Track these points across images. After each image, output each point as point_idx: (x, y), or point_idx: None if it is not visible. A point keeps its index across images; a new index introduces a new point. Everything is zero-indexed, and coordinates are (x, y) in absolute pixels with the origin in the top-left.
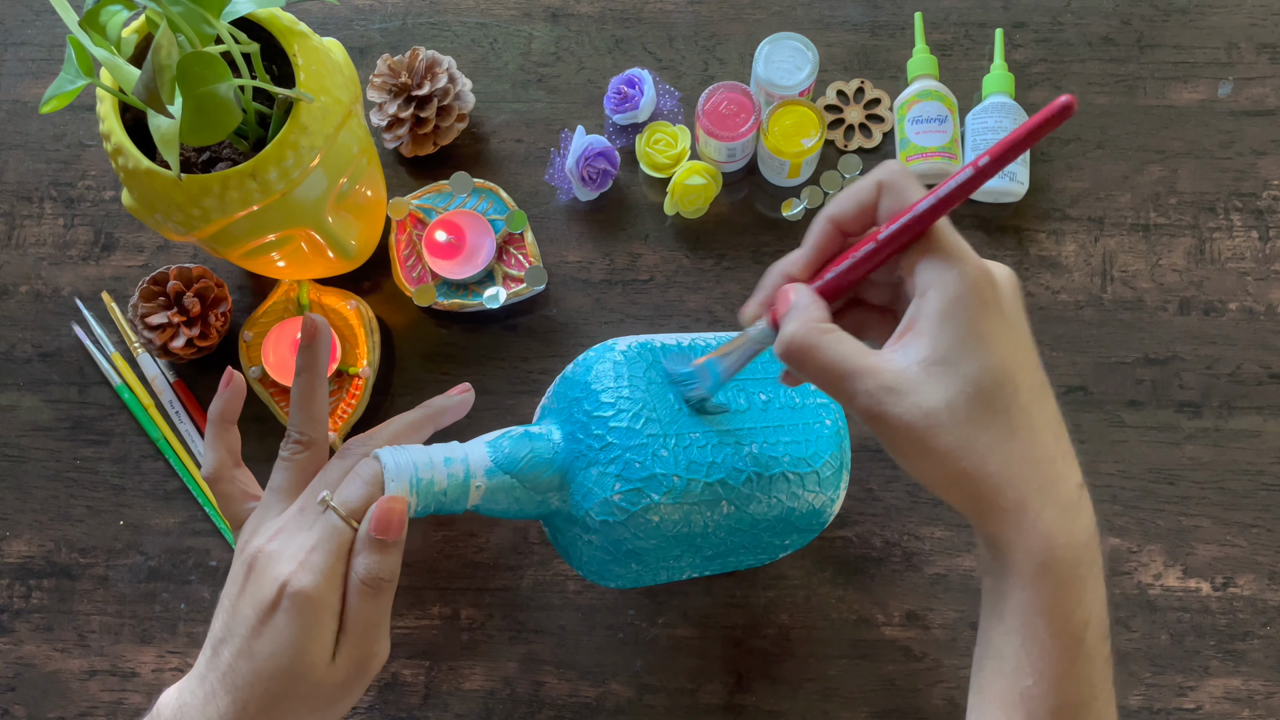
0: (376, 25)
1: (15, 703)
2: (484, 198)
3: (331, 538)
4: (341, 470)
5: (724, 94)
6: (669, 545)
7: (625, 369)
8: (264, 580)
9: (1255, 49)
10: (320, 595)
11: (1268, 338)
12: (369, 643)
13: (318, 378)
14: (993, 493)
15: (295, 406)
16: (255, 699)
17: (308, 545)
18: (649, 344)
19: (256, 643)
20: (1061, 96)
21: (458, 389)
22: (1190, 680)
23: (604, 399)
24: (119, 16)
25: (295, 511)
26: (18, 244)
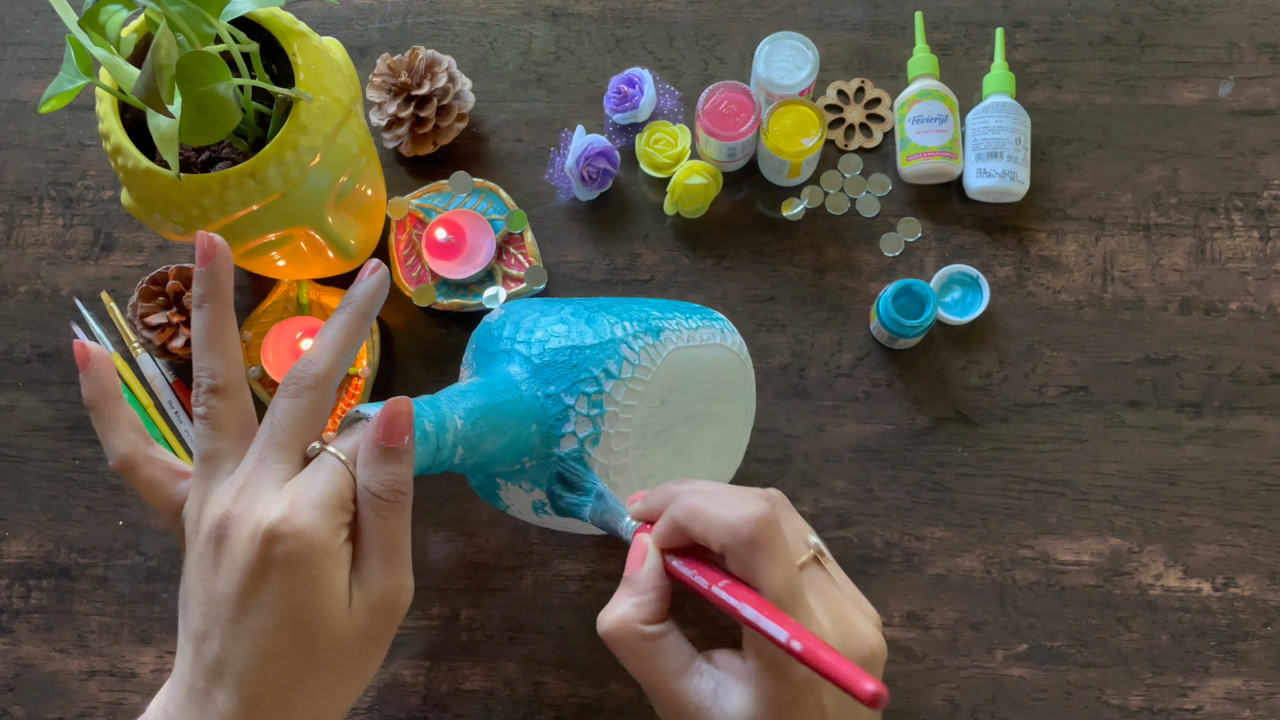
0: (376, 25)
1: (15, 703)
2: (484, 197)
3: (330, 478)
4: (296, 415)
5: (724, 93)
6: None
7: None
8: (240, 542)
9: (1256, 48)
10: (320, 535)
11: (1268, 338)
12: (394, 571)
13: (224, 306)
14: None
15: (201, 345)
16: (268, 689)
17: (297, 490)
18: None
19: (251, 619)
20: (869, 685)
21: (366, 268)
22: (1191, 681)
23: (528, 324)
24: (118, 16)
25: (254, 463)
26: (17, 244)
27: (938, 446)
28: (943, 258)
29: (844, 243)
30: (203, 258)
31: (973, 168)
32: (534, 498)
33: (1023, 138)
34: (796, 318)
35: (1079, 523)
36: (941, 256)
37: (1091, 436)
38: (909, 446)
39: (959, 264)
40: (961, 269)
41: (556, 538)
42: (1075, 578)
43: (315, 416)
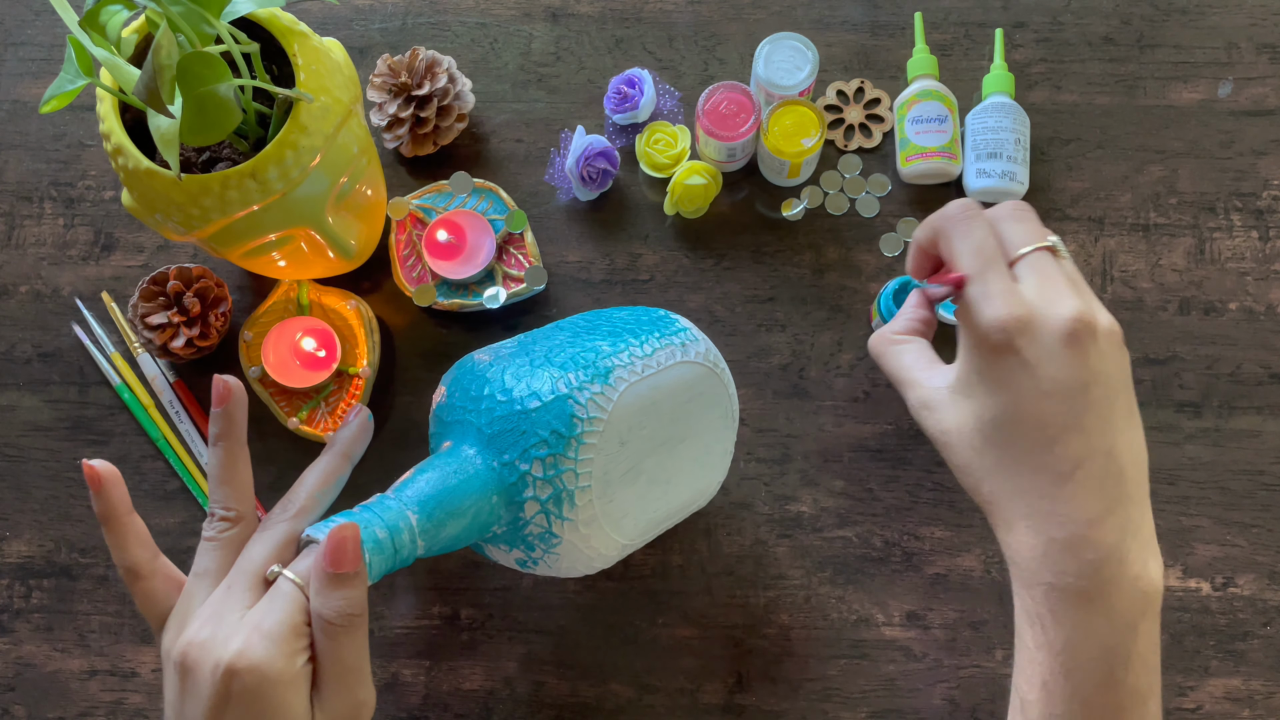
0: (376, 25)
1: (15, 703)
2: (484, 198)
3: (285, 605)
4: (269, 545)
5: (724, 94)
6: None
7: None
8: (203, 674)
9: (1255, 49)
10: (276, 666)
11: (1268, 338)
12: (353, 690)
13: (237, 444)
14: (989, 508)
15: (215, 480)
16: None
17: (253, 621)
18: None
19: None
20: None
21: (351, 413)
22: (1190, 680)
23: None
24: (119, 16)
25: (223, 592)
26: (18, 244)
27: None
28: None
29: (844, 243)
30: (218, 400)
31: (972, 168)
32: (515, 556)
33: (1022, 138)
34: (796, 318)
35: None
36: None
37: None
38: (909, 446)
39: None
40: None
41: None
42: None
43: (285, 548)
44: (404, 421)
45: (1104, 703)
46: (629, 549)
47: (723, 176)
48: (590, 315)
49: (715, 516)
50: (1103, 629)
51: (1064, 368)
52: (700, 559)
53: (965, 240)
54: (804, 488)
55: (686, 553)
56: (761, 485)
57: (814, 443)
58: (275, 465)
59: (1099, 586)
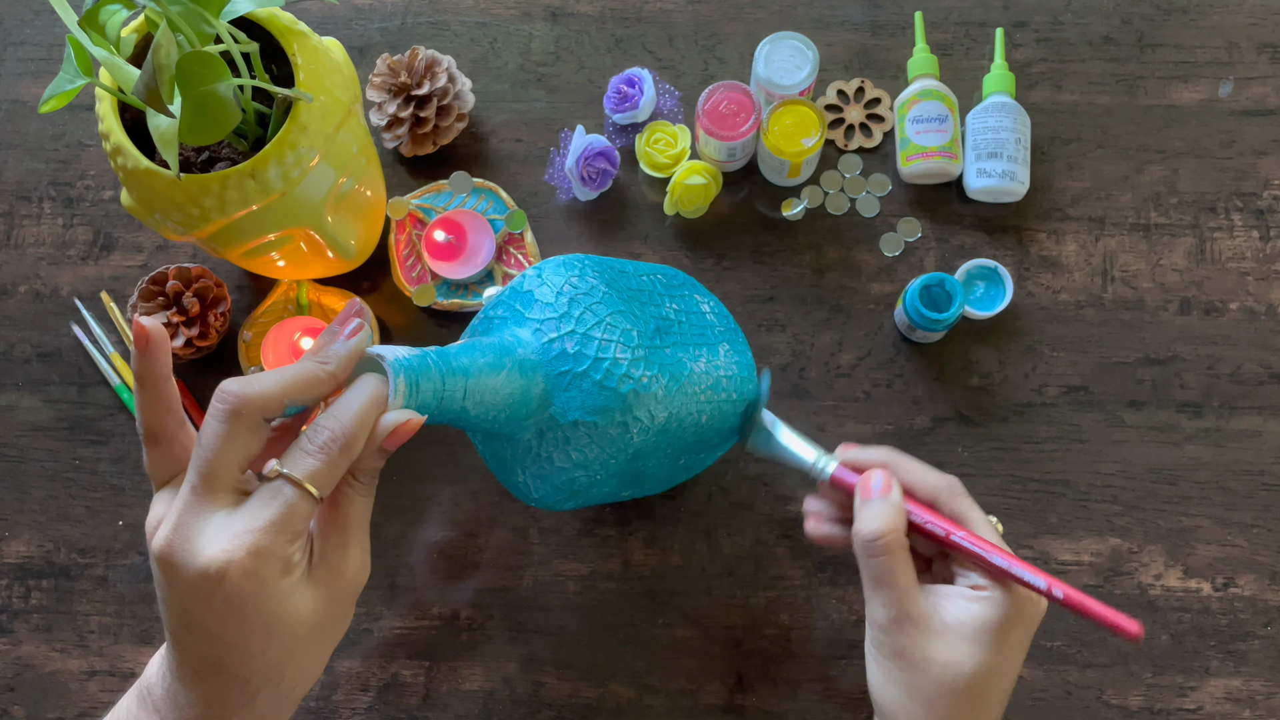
0: (376, 25)
1: (14, 703)
2: (483, 197)
3: (282, 508)
4: (222, 437)
5: (724, 93)
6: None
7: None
8: (187, 577)
9: (1256, 48)
10: (272, 568)
11: (1268, 338)
12: (363, 553)
13: (162, 382)
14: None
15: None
16: (230, 679)
17: (240, 526)
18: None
19: (205, 637)
20: (1134, 626)
21: (345, 323)
22: (1191, 680)
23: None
24: (118, 16)
25: (189, 495)
26: (17, 244)
27: (938, 446)
28: (943, 257)
29: (844, 243)
30: (140, 343)
31: (973, 168)
32: (541, 464)
33: (1023, 138)
34: (796, 318)
35: (1079, 523)
36: (941, 256)
37: (1091, 436)
38: (909, 446)
39: (979, 258)
40: (982, 263)
41: (556, 538)
42: (1075, 577)
43: (244, 446)
44: None
45: None
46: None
47: (723, 176)
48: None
49: (715, 516)
50: None
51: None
52: (700, 559)
53: (980, 517)
54: (804, 488)
55: (686, 553)
56: (761, 485)
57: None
58: None
59: None
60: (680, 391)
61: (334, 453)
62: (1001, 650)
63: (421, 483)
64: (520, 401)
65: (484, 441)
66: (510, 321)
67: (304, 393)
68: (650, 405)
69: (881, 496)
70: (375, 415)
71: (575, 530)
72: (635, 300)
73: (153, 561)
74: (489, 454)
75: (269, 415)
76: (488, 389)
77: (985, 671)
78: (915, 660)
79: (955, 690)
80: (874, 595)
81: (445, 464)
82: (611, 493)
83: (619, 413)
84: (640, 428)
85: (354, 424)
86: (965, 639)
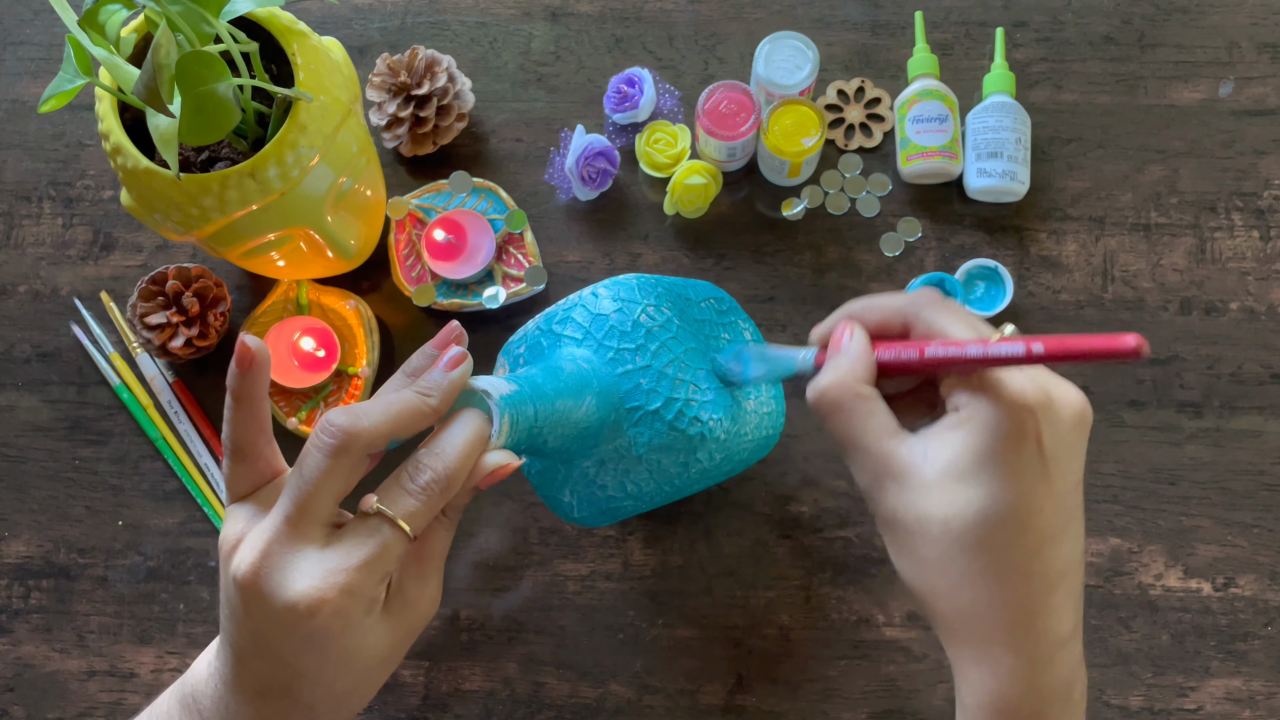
0: (376, 24)
1: (14, 703)
2: (483, 197)
3: (377, 547)
4: (339, 475)
5: (724, 93)
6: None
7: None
8: (273, 605)
9: (1256, 48)
10: (359, 607)
11: (1269, 338)
12: (436, 587)
13: (257, 405)
14: (960, 622)
15: (229, 454)
16: (293, 702)
17: (333, 564)
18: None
19: (281, 663)
20: (1129, 339)
21: (444, 336)
22: (1191, 681)
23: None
24: (118, 16)
25: (282, 524)
26: (16, 244)
27: None
28: (943, 257)
29: (844, 243)
30: (243, 364)
31: (973, 167)
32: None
33: (1023, 138)
34: (796, 318)
35: None
36: (941, 256)
37: (1092, 436)
38: None
39: (979, 258)
40: (982, 263)
41: (556, 538)
42: None
43: (345, 481)
44: None
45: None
46: None
47: (723, 176)
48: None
49: (715, 517)
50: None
51: (1072, 461)
52: (700, 559)
53: (952, 316)
54: (804, 488)
55: (686, 553)
56: (762, 485)
57: (814, 443)
58: None
59: (1070, 697)
60: (737, 434)
61: (434, 494)
62: (1012, 478)
63: None
64: (594, 433)
65: (536, 460)
66: (581, 343)
67: (408, 428)
68: (711, 447)
69: (834, 353)
70: (477, 455)
71: (575, 530)
72: (700, 334)
73: (231, 584)
74: (536, 470)
75: (374, 451)
76: (569, 421)
77: (1000, 510)
78: (912, 524)
79: (969, 545)
80: (850, 462)
81: None
82: (643, 510)
83: (684, 453)
84: (699, 468)
85: (456, 464)
86: (958, 480)
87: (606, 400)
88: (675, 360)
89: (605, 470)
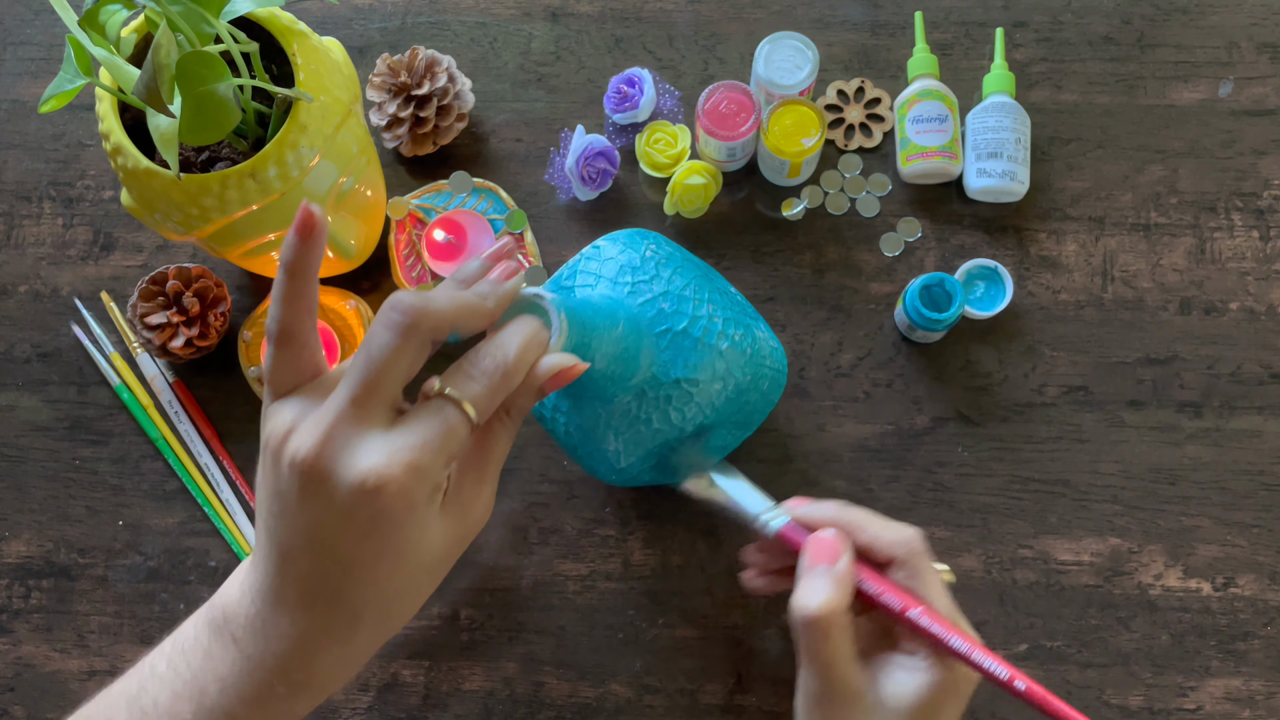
0: (376, 25)
1: (14, 703)
2: (483, 197)
3: (441, 429)
4: (406, 356)
5: (724, 94)
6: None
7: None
8: (337, 487)
9: (1256, 48)
10: (425, 492)
11: (1268, 338)
12: (489, 490)
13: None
14: None
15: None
16: (342, 602)
17: (404, 442)
18: None
19: (331, 553)
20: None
21: (497, 251)
22: (1191, 680)
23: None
24: (118, 16)
25: (345, 405)
26: (17, 244)
27: (938, 446)
28: (943, 257)
29: (844, 243)
30: (304, 231)
31: (973, 168)
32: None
33: (1023, 138)
34: (796, 318)
35: (1079, 522)
36: (941, 256)
37: (1091, 436)
38: (909, 446)
39: (979, 258)
40: (982, 263)
41: (556, 538)
42: (1075, 577)
43: (411, 364)
44: None
45: None
46: None
47: (723, 176)
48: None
49: (715, 516)
50: None
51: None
52: (700, 559)
53: (934, 578)
54: (804, 488)
55: (686, 553)
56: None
57: (814, 443)
58: None
59: None
60: (756, 354)
61: (496, 380)
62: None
63: None
64: (631, 359)
65: (572, 411)
66: (595, 288)
67: (467, 322)
68: (741, 363)
69: (827, 567)
70: (536, 354)
71: (575, 530)
72: (701, 268)
73: (287, 472)
74: (576, 425)
75: (437, 337)
76: (610, 339)
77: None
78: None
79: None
80: (806, 666)
81: None
82: (686, 455)
83: (717, 369)
84: (735, 384)
85: (516, 355)
86: (896, 715)
87: (634, 328)
88: (689, 284)
89: (645, 402)
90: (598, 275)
